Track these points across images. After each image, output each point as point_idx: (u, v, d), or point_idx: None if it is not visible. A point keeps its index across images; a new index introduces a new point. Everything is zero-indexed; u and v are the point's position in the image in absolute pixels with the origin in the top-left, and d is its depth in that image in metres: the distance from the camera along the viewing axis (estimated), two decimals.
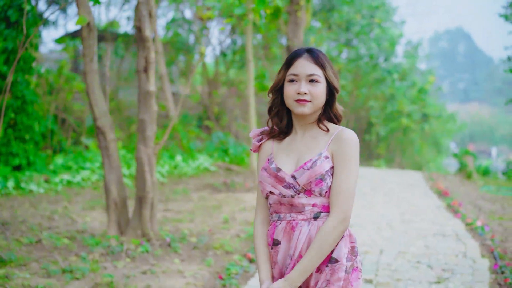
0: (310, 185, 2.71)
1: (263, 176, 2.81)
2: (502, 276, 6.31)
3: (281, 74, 2.83)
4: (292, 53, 2.84)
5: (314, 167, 2.70)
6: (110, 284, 5.65)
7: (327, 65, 2.78)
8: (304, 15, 14.03)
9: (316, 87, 2.74)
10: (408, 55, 25.75)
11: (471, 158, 17.41)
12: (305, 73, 2.74)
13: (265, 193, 2.82)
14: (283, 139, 2.88)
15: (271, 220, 2.84)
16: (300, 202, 2.74)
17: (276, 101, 2.88)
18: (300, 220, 2.75)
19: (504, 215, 10.33)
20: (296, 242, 2.73)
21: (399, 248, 7.55)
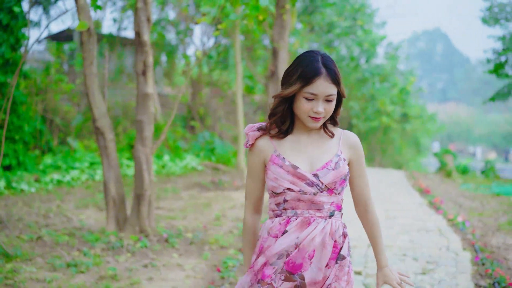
0: (335, 185, 2.81)
1: (280, 173, 2.80)
2: (483, 267, 6.71)
3: (295, 87, 2.77)
4: (311, 69, 2.76)
5: (338, 168, 2.82)
6: (114, 277, 5.96)
7: (341, 80, 2.81)
8: (290, 18, 14.34)
9: (331, 105, 2.80)
10: (389, 57, 26.22)
11: (451, 157, 17.88)
12: (324, 94, 2.76)
13: (281, 189, 2.81)
14: (283, 138, 2.90)
15: (285, 215, 2.84)
16: (321, 200, 2.81)
17: (282, 109, 2.87)
18: (317, 217, 2.81)
19: (483, 212, 10.76)
20: (308, 234, 2.78)
21: (385, 242, 7.93)
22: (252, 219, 3.00)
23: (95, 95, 7.36)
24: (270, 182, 2.84)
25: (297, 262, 2.78)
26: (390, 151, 28.07)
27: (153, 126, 7.54)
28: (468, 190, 14.48)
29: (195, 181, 13.42)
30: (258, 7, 7.02)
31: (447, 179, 16.75)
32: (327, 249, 2.80)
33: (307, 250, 2.78)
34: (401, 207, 11.03)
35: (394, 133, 27.19)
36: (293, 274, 2.78)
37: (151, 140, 7.55)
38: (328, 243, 2.80)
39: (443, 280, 6.20)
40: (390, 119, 25.50)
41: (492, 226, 9.34)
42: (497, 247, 7.88)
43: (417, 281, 6.16)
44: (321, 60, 2.78)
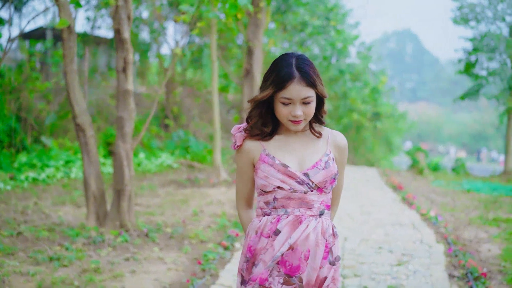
0: (325, 184, 2.82)
1: (270, 171, 2.79)
2: (456, 259, 6.94)
3: (267, 92, 2.77)
4: (284, 73, 2.74)
5: (328, 167, 2.82)
6: (97, 270, 6.05)
7: (317, 81, 2.78)
8: (264, 17, 14.49)
9: (310, 107, 2.77)
10: (361, 56, 26.54)
11: (423, 155, 18.20)
12: (299, 98, 2.72)
13: (271, 187, 2.80)
14: (270, 138, 2.89)
15: (275, 213, 2.83)
16: (311, 199, 2.80)
17: (259, 112, 2.86)
18: (308, 215, 2.80)
19: (455, 207, 11.03)
20: (301, 233, 2.78)
21: (361, 236, 8.13)
22: (245, 213, 3.03)
23: (76, 92, 7.43)
24: (260, 180, 2.83)
25: (294, 264, 2.77)
26: (362, 149, 28.41)
27: (133, 123, 7.63)
28: (439, 186, 14.78)
29: (171, 178, 13.50)
30: (237, 6, 7.16)
31: (419, 176, 17.06)
32: (320, 248, 2.80)
33: (302, 250, 2.77)
34: (375, 203, 11.25)
35: (366, 132, 27.55)
36: (291, 277, 2.77)
37: (131, 136, 7.64)
38: (321, 242, 2.81)
39: (418, 271, 6.40)
40: (361, 117, 25.82)
41: (464, 221, 9.60)
42: (469, 240, 8.12)
43: (393, 272, 6.35)
44: (295, 63, 2.75)
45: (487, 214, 10.31)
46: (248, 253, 2.86)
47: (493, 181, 17.60)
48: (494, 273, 6.47)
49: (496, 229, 8.92)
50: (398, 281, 6.03)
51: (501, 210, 10.79)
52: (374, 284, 5.91)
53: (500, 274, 6.42)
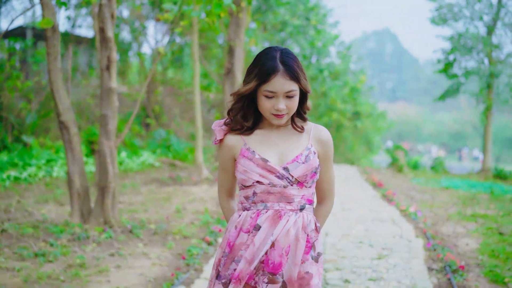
0: (305, 178, 2.80)
1: (249, 166, 2.79)
2: (434, 252, 7.10)
3: (251, 85, 2.76)
4: (267, 67, 2.74)
5: (308, 161, 2.80)
6: (82, 265, 6.12)
7: (301, 75, 2.78)
8: (245, 17, 14.61)
9: (293, 101, 2.76)
10: (341, 56, 26.74)
11: (402, 153, 18.42)
12: (283, 91, 2.72)
13: (251, 182, 2.79)
14: (251, 132, 2.89)
15: (254, 208, 2.83)
16: (291, 193, 2.79)
17: (241, 106, 2.86)
18: (288, 210, 2.79)
19: (433, 204, 11.22)
20: (282, 229, 2.76)
21: (342, 231, 8.28)
22: (227, 203, 3.05)
23: (60, 90, 7.49)
24: (240, 175, 2.82)
25: (276, 261, 2.74)
26: (342, 148, 28.62)
27: (116, 120, 7.71)
28: (419, 184, 14.99)
29: (153, 177, 13.57)
30: (221, 5, 7.26)
31: (399, 174, 17.27)
32: (301, 243, 2.78)
33: (282, 246, 2.75)
34: (356, 200, 11.41)
35: (346, 131, 27.76)
36: (275, 274, 2.75)
37: (115, 134, 7.71)
38: (302, 237, 2.78)
39: (398, 265, 6.55)
40: (341, 116, 26.04)
41: (442, 216, 9.79)
42: (447, 234, 8.30)
43: (373, 266, 6.49)
44: (280, 56, 2.75)
45: (465, 210, 10.51)
46: (227, 248, 2.85)
47: (471, 178, 17.88)
48: (472, 266, 6.63)
49: (473, 224, 9.12)
50: (379, 274, 6.17)
51: (478, 206, 11.01)
52: (355, 277, 6.04)
53: (477, 267, 6.58)
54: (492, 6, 20.72)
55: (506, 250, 7.34)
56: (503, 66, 20.52)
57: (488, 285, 5.95)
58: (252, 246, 2.76)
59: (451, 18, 20.86)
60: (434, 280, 6.05)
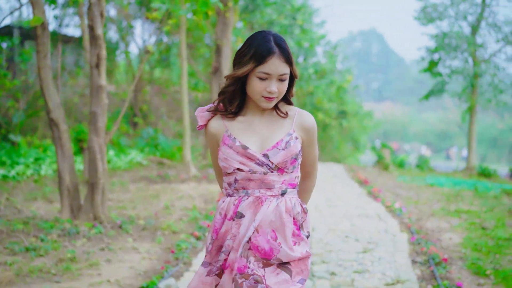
0: (285, 164, 2.81)
1: (229, 153, 2.82)
2: (418, 246, 7.27)
3: (248, 67, 2.77)
4: (264, 48, 2.76)
5: (289, 147, 2.81)
6: (73, 259, 6.22)
7: (293, 59, 2.82)
8: (232, 16, 14.73)
9: (284, 85, 2.79)
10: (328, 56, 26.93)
11: (388, 151, 18.61)
12: (277, 73, 2.75)
13: (231, 169, 2.82)
14: (234, 118, 2.91)
15: (237, 195, 2.86)
16: (271, 179, 2.81)
17: (234, 89, 2.86)
18: (268, 196, 2.81)
19: (418, 200, 11.40)
20: (263, 214, 2.77)
21: (329, 226, 8.43)
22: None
23: (49, 87, 7.58)
24: (221, 162, 2.85)
25: (266, 248, 2.77)
26: (329, 147, 28.81)
27: (106, 117, 7.81)
28: (404, 181, 15.18)
29: (141, 175, 13.65)
30: (207, 3, 7.37)
31: (385, 172, 17.46)
32: (288, 226, 2.80)
33: (267, 232, 2.78)
34: (342, 197, 11.58)
35: (332, 130, 27.96)
36: (269, 259, 2.78)
37: (104, 131, 7.81)
38: (287, 220, 2.81)
39: (383, 258, 6.70)
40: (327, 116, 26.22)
41: (427, 212, 9.96)
42: (431, 229, 8.46)
43: (359, 259, 6.64)
44: (274, 39, 2.78)
45: (449, 206, 10.69)
46: (214, 234, 2.89)
47: (456, 176, 18.11)
48: (455, 259, 6.79)
49: (457, 220, 9.30)
50: (364, 267, 6.31)
51: (462, 203, 11.19)
52: (341, 270, 6.18)
53: (460, 260, 6.75)
54: (476, 6, 20.98)
55: (488, 244, 7.52)
56: (487, 66, 20.79)
57: (470, 277, 6.11)
58: (238, 236, 2.79)
59: (436, 18, 21.10)
60: (418, 272, 6.20)
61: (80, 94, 20.32)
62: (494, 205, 10.94)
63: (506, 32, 20.68)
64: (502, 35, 20.78)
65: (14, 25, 21.63)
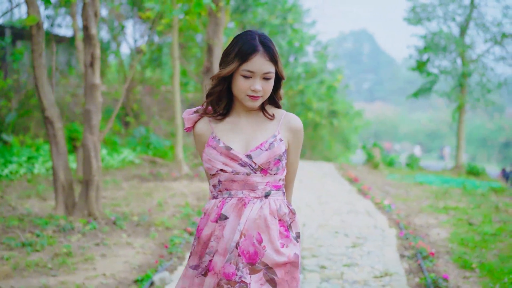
0: (269, 165, 2.78)
1: (212, 154, 2.80)
2: (407, 241, 7.45)
3: (233, 65, 2.75)
4: (247, 46, 2.75)
5: (272, 148, 2.79)
6: (69, 254, 6.36)
7: (278, 59, 2.80)
8: (224, 16, 14.87)
9: (269, 84, 2.77)
10: (318, 55, 27.11)
11: (378, 150, 18.80)
12: (261, 71, 2.73)
13: (215, 171, 2.80)
14: (221, 119, 2.89)
15: (220, 196, 2.83)
16: (254, 181, 2.78)
17: (220, 89, 2.85)
18: (252, 197, 2.78)
19: (407, 198, 11.58)
20: (247, 217, 2.75)
21: (319, 222, 8.60)
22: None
23: (44, 86, 7.70)
24: (205, 163, 2.83)
25: (251, 251, 2.73)
26: (319, 147, 28.98)
27: (100, 115, 7.94)
28: (393, 179, 15.37)
29: (134, 173, 13.77)
30: (201, 4, 7.52)
31: (374, 171, 17.64)
32: (272, 229, 2.77)
33: (253, 235, 2.74)
34: (332, 194, 11.75)
35: (323, 130, 28.13)
36: (254, 264, 2.73)
37: (98, 129, 7.94)
38: (272, 222, 2.78)
39: (372, 252, 6.87)
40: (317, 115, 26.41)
41: (415, 209, 10.14)
42: (419, 225, 8.65)
43: (348, 253, 6.81)
44: (258, 38, 2.76)
45: (438, 203, 10.87)
46: (197, 233, 2.87)
47: (444, 174, 18.33)
48: (442, 253, 6.98)
49: (445, 216, 9.48)
50: (353, 261, 6.48)
51: (450, 200, 11.39)
52: (331, 264, 6.35)
53: (447, 254, 6.93)
54: (465, 7, 21.22)
55: (475, 239, 7.70)
56: (475, 66, 21.03)
57: (457, 270, 6.28)
58: (222, 239, 2.75)
59: (425, 18, 21.32)
60: (406, 265, 6.37)
61: (71, 94, 20.40)
62: (482, 202, 11.13)
63: (494, 33, 20.93)
64: (490, 36, 21.03)
65: (5, 25, 21.69)
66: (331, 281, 5.73)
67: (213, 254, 2.78)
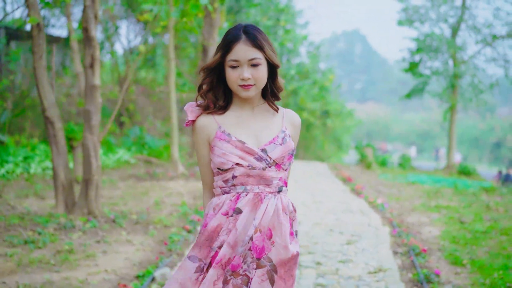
0: (283, 160, 2.79)
1: (227, 148, 2.74)
2: (399, 238, 7.64)
3: (217, 56, 2.76)
4: (230, 36, 2.75)
5: (285, 143, 2.80)
6: (71, 251, 6.51)
7: (265, 45, 2.76)
8: (219, 17, 15.03)
9: (258, 70, 2.73)
10: (311, 56, 27.31)
11: (371, 150, 19.02)
12: (246, 58, 2.71)
13: (230, 165, 2.74)
14: (223, 113, 2.85)
15: (234, 191, 2.78)
16: (270, 175, 2.77)
17: (210, 81, 2.83)
18: (267, 192, 2.76)
19: (400, 197, 11.78)
20: (263, 213, 2.73)
21: (314, 220, 8.78)
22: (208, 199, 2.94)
23: (45, 87, 7.84)
24: (218, 158, 2.76)
25: (259, 246, 2.72)
26: (312, 147, 29.19)
27: (100, 116, 8.09)
28: (386, 179, 15.58)
29: (129, 173, 13.92)
30: (198, 6, 7.69)
31: (367, 170, 17.85)
32: (285, 225, 2.77)
33: (264, 231, 2.73)
34: (326, 193, 11.94)
35: (316, 130, 28.34)
36: (260, 259, 2.73)
37: (98, 129, 8.09)
38: (284, 218, 2.78)
39: (366, 249, 7.05)
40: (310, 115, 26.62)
41: (408, 208, 10.34)
42: (412, 223, 8.84)
43: (343, 250, 6.99)
44: (243, 28, 2.76)
45: (430, 202, 11.08)
46: (203, 226, 2.83)
47: (436, 174, 18.56)
48: (434, 250, 7.17)
49: (437, 215, 9.69)
50: (348, 257, 6.66)
51: (442, 199, 11.60)
52: (326, 260, 6.52)
53: (439, 251, 7.12)
54: (457, 9, 21.46)
55: (466, 237, 7.90)
56: (467, 67, 21.27)
57: (448, 266, 6.47)
58: (234, 231, 2.71)
59: (417, 20, 21.55)
60: (399, 261, 6.56)
61: (66, 94, 20.50)
62: (473, 201, 11.35)
63: (485, 34, 21.18)
64: (481, 37, 21.28)
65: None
66: (327, 276, 5.90)
67: (220, 247, 2.75)
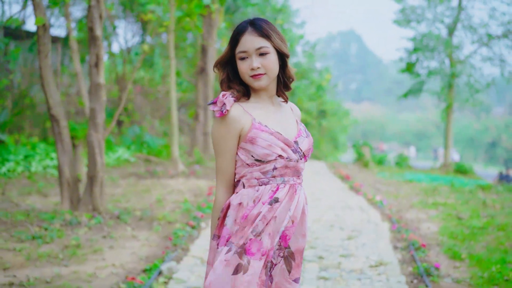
0: (309, 152, 2.85)
1: (272, 139, 2.71)
2: (399, 234, 7.79)
3: (227, 50, 2.81)
4: (236, 30, 2.78)
5: (309, 136, 2.88)
6: (78, 246, 6.66)
7: (273, 34, 2.76)
8: (217, 17, 15.18)
9: (267, 59, 2.73)
10: (307, 55, 27.49)
11: (368, 149, 19.19)
12: (253, 48, 2.72)
13: (274, 156, 2.71)
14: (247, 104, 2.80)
15: (274, 183, 2.76)
16: (301, 167, 2.81)
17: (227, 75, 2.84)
18: (298, 184, 2.80)
19: (398, 194, 11.95)
20: (296, 204, 2.77)
21: (314, 217, 8.93)
22: (226, 197, 2.84)
23: (50, 85, 7.98)
24: (262, 150, 2.70)
25: (290, 235, 2.77)
26: None
27: (104, 114, 8.23)
28: (384, 177, 15.75)
29: (130, 171, 14.06)
30: (201, 5, 7.84)
31: (365, 169, 18.02)
32: (306, 215, 2.85)
33: (296, 221, 2.78)
34: (325, 191, 12.11)
35: (312, 129, 28.51)
36: (286, 248, 2.80)
37: (102, 127, 8.23)
38: (306, 208, 2.85)
39: (366, 244, 7.21)
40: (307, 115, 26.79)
41: (406, 205, 10.51)
42: (410, 220, 9.00)
43: (344, 245, 7.14)
44: (250, 21, 2.78)
45: (427, 199, 11.25)
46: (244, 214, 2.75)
47: (433, 173, 18.75)
48: (433, 245, 7.33)
49: (434, 211, 9.86)
50: (349, 252, 6.81)
51: (439, 196, 11.77)
52: (328, 254, 6.67)
53: (437, 246, 7.28)
54: (453, 9, 21.65)
55: (464, 232, 8.06)
56: (463, 66, 21.46)
57: (447, 261, 6.63)
58: (273, 221, 2.73)
59: (414, 20, 21.73)
60: (399, 256, 6.71)
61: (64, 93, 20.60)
62: (470, 198, 11.53)
63: (481, 34, 21.36)
64: (477, 37, 21.46)
65: None
66: (329, 270, 6.05)
67: (259, 233, 2.72)
